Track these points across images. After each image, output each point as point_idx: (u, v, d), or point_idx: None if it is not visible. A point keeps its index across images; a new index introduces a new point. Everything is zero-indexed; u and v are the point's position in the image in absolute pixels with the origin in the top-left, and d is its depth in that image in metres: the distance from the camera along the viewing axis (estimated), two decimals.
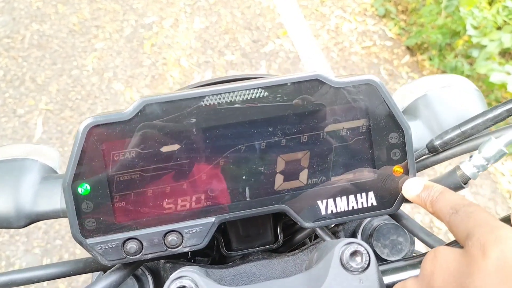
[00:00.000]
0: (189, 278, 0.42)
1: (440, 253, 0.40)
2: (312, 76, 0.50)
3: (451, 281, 0.37)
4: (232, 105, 0.49)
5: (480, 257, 0.36)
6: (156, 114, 0.48)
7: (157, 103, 0.48)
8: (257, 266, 0.58)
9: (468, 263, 0.37)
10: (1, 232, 2.11)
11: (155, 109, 0.48)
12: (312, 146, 0.51)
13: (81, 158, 0.47)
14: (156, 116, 0.48)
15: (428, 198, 0.47)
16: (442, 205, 0.44)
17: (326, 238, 0.57)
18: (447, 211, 0.43)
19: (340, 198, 0.52)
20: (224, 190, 0.50)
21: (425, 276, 0.41)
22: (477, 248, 0.36)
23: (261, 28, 3.05)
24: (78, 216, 0.48)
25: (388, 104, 0.51)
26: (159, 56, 2.87)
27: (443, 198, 0.45)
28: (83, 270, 0.54)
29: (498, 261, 0.34)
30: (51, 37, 2.92)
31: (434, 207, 0.45)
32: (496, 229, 0.37)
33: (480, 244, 0.36)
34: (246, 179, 0.50)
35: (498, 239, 0.36)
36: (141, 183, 0.49)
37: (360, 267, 0.43)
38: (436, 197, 0.46)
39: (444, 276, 0.38)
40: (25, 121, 2.52)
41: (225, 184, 0.50)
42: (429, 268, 0.40)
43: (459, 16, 2.76)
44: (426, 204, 0.47)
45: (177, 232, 0.49)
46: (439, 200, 0.45)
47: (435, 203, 0.46)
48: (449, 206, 0.43)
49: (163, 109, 0.48)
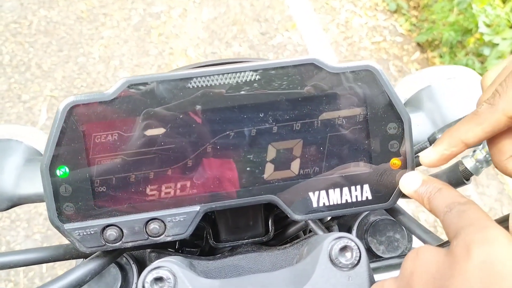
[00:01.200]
0: (167, 269, 0.40)
1: (422, 253, 0.37)
2: (307, 60, 0.47)
3: (430, 283, 0.34)
4: (221, 88, 0.47)
5: (463, 258, 0.32)
6: (140, 95, 0.46)
7: (141, 84, 0.45)
8: (245, 258, 0.56)
9: (451, 264, 0.33)
10: (2, 217, 2.11)
11: (139, 90, 0.46)
12: (305, 135, 0.48)
13: (60, 139, 0.45)
14: (140, 97, 0.46)
15: (426, 194, 0.44)
16: (438, 203, 0.41)
17: (318, 232, 0.54)
18: (442, 209, 0.40)
19: (333, 191, 0.49)
20: (211, 178, 0.48)
21: (404, 277, 0.37)
22: (462, 248, 0.33)
23: (269, 20, 3.02)
24: (56, 200, 0.46)
25: (387, 92, 0.48)
26: (166, 45, 2.84)
27: (440, 195, 0.42)
28: (63, 256, 0.52)
29: (482, 264, 0.31)
30: (59, 24, 2.90)
31: (431, 204, 0.42)
32: (485, 229, 0.33)
33: (465, 244, 0.33)
34: (234, 167, 0.48)
35: (485, 239, 0.32)
36: (123, 168, 0.46)
37: (350, 263, 0.40)
38: (434, 194, 0.43)
39: (423, 278, 0.35)
40: (29, 107, 2.51)
41: (211, 172, 0.48)
42: (409, 268, 0.37)
43: (472, 14, 2.70)
44: (423, 200, 0.44)
45: (159, 220, 0.47)
46: (436, 198, 0.42)
47: (432, 200, 0.42)
48: (444, 204, 0.40)
49: (147, 90, 0.46)
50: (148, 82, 0.46)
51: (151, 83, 0.46)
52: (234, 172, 0.48)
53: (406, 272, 0.37)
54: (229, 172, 0.48)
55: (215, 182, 0.48)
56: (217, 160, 0.48)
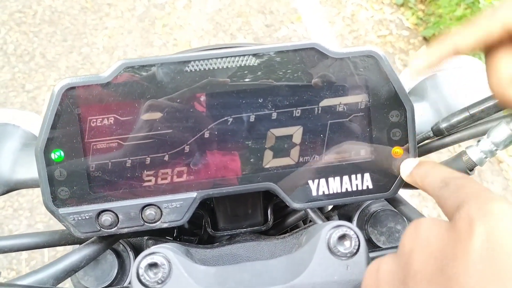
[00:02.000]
0: (162, 255, 0.39)
1: (422, 227, 0.33)
2: (308, 45, 0.46)
3: (431, 263, 0.30)
4: (220, 72, 0.45)
5: (466, 234, 0.29)
6: (136, 78, 0.45)
7: (138, 67, 0.44)
8: (244, 247, 0.55)
9: (453, 240, 0.30)
10: (5, 206, 2.12)
11: (136, 73, 0.45)
12: (305, 122, 0.47)
13: (55, 121, 0.44)
14: (138, 81, 0.45)
15: (419, 173, 0.42)
16: (431, 179, 0.39)
17: (318, 221, 0.53)
18: (436, 185, 0.37)
19: (333, 179, 0.48)
20: (209, 165, 0.47)
21: (403, 254, 0.33)
22: (465, 222, 0.30)
23: (275, 12, 2.99)
24: (51, 184, 0.45)
25: (390, 79, 0.46)
26: (170, 37, 2.83)
27: (434, 172, 0.40)
28: (58, 242, 0.52)
29: (486, 243, 0.28)
30: (63, 14, 2.89)
31: (424, 181, 0.40)
32: (490, 201, 0.30)
33: (468, 217, 0.30)
34: (232, 153, 0.47)
35: (489, 213, 0.29)
36: (119, 152, 0.45)
37: (348, 252, 0.39)
38: (427, 171, 0.41)
39: (424, 256, 0.31)
40: (33, 97, 2.51)
41: (209, 158, 0.47)
42: (408, 244, 0.33)
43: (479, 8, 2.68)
44: (416, 179, 0.42)
45: (155, 206, 0.46)
46: (429, 174, 0.40)
47: (424, 178, 0.40)
48: (439, 179, 0.38)
49: (144, 74, 0.45)
50: (146, 64, 0.45)
51: (149, 65, 0.45)
52: (232, 159, 0.47)
53: (405, 249, 0.33)
54: (227, 159, 0.47)
55: (213, 169, 0.47)
56: (215, 146, 0.47)
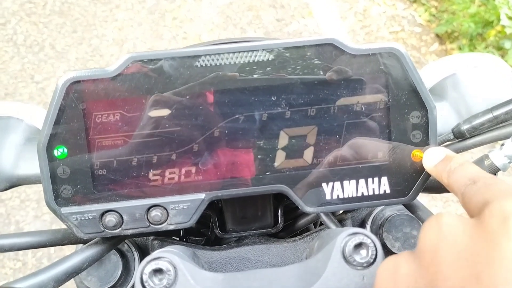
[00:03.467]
0: (167, 260, 0.37)
1: (444, 221, 0.30)
2: (326, 40, 0.43)
3: (463, 267, 0.27)
4: (232, 68, 0.43)
5: (501, 233, 0.26)
6: (144, 73, 0.42)
7: (146, 61, 0.42)
8: (252, 250, 0.53)
9: (485, 240, 0.26)
10: (12, 196, 2.11)
11: (144, 67, 0.42)
12: (321, 121, 0.45)
13: (59, 117, 0.42)
14: (145, 76, 0.43)
15: (446, 168, 0.40)
16: (459, 176, 0.37)
17: (331, 225, 0.51)
18: (463, 182, 0.35)
19: (349, 182, 0.46)
20: (218, 165, 0.45)
21: (425, 253, 0.30)
22: (497, 219, 0.27)
23: (286, 6, 2.96)
24: (53, 182, 0.43)
25: (412, 78, 0.44)
26: (180, 30, 2.81)
27: (462, 169, 0.38)
28: (61, 241, 0.50)
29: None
30: (73, 5, 2.88)
31: (450, 178, 0.38)
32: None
33: (501, 214, 0.27)
34: (243, 153, 0.45)
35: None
36: (125, 150, 0.43)
37: (365, 262, 0.37)
38: (455, 168, 0.39)
39: (452, 256, 0.28)
40: (42, 88, 2.50)
41: (219, 158, 0.44)
42: (430, 241, 0.30)
43: (494, 5, 2.63)
44: (442, 175, 0.40)
45: (161, 207, 0.44)
46: (457, 171, 0.38)
47: (451, 174, 0.38)
48: (467, 177, 0.36)
49: (152, 68, 0.42)
50: (154, 58, 0.42)
51: (157, 60, 0.42)
52: (242, 159, 0.45)
53: (427, 247, 0.30)
54: (237, 159, 0.45)
55: (222, 169, 0.45)
56: (225, 146, 0.44)
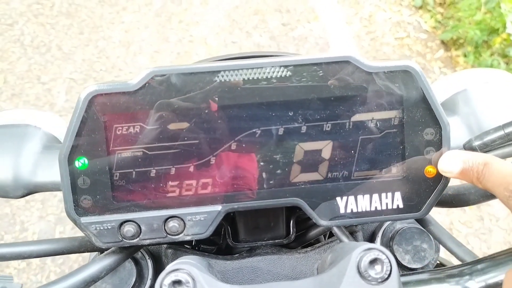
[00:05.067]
0: (186, 272, 0.38)
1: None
2: (343, 58, 0.44)
3: None
4: (250, 83, 0.44)
5: None
6: (165, 87, 0.43)
7: (166, 75, 0.43)
8: (264, 261, 0.54)
9: None
10: None
11: (164, 82, 0.43)
12: (336, 136, 0.46)
13: (81, 128, 0.43)
14: (165, 90, 0.43)
15: (473, 173, 0.40)
16: (492, 184, 0.37)
17: (342, 238, 0.52)
18: (502, 193, 0.36)
19: (363, 197, 0.46)
20: (234, 177, 0.46)
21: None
22: None
23: (291, 11, 2.97)
24: (74, 192, 0.44)
25: (426, 95, 0.45)
26: (186, 33, 2.82)
27: (490, 173, 0.38)
28: (77, 249, 0.51)
29: None
30: (80, 6, 2.89)
31: (484, 185, 0.39)
32: None
33: None
34: (259, 167, 0.46)
35: None
36: (144, 162, 0.44)
37: (380, 277, 0.37)
38: (482, 170, 0.39)
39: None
40: (48, 89, 2.52)
41: (235, 171, 0.45)
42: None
43: (500, 13, 2.63)
44: (473, 180, 0.41)
45: (179, 219, 0.45)
46: (487, 176, 0.39)
47: (483, 180, 0.39)
48: (502, 186, 0.36)
49: (173, 83, 0.43)
50: (174, 73, 0.43)
51: (177, 74, 0.43)
52: (258, 172, 0.46)
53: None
54: (253, 172, 0.46)
55: (239, 182, 0.46)
56: (242, 159, 0.45)
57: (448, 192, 0.54)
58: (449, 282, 0.41)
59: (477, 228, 2.08)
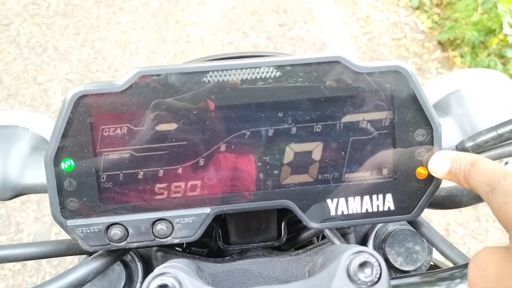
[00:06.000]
0: (172, 276, 0.37)
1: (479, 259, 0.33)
2: (333, 58, 0.44)
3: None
4: (239, 84, 0.43)
5: None
6: (152, 87, 0.43)
7: (154, 76, 0.43)
8: (255, 263, 0.53)
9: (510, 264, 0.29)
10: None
11: (151, 82, 0.43)
12: (326, 138, 0.45)
13: (66, 130, 0.42)
14: (153, 90, 0.43)
15: (460, 173, 0.40)
16: (476, 181, 0.37)
17: (334, 240, 0.51)
18: (483, 189, 0.35)
19: (353, 199, 0.46)
20: (223, 179, 0.45)
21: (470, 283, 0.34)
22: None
23: (289, 11, 2.97)
24: (60, 195, 0.43)
25: (417, 96, 0.44)
26: (183, 33, 2.81)
27: (476, 172, 0.38)
28: (65, 252, 0.50)
29: None
30: (77, 7, 2.89)
31: (469, 184, 0.38)
32: None
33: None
34: (249, 168, 0.45)
35: None
36: (132, 164, 0.44)
37: (369, 281, 0.37)
38: (468, 170, 0.39)
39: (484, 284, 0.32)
40: (44, 89, 2.51)
41: (224, 173, 0.45)
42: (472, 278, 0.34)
43: (496, 14, 2.63)
44: (460, 180, 0.40)
45: (167, 221, 0.44)
46: (472, 174, 0.38)
47: (468, 179, 0.38)
48: (484, 182, 0.36)
49: (160, 83, 0.43)
50: (162, 74, 0.43)
51: (165, 75, 0.43)
52: (248, 174, 0.45)
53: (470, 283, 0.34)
54: (242, 174, 0.45)
55: (228, 184, 0.45)
56: (231, 160, 0.45)
57: (440, 193, 0.53)
58: (439, 286, 0.40)
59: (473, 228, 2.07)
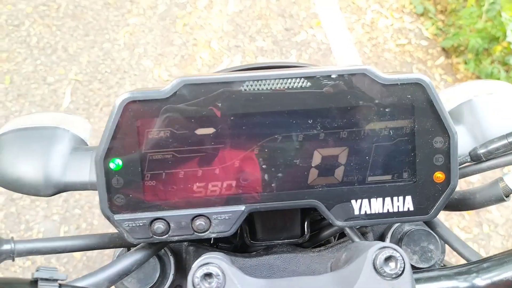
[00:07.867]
0: (216, 265, 0.41)
1: None
2: (359, 70, 0.48)
3: None
4: (273, 93, 0.48)
5: None
6: (194, 95, 0.47)
7: (196, 84, 0.47)
8: (280, 258, 0.57)
9: None
10: (23, 196, 2.15)
11: (193, 90, 0.47)
12: (352, 143, 0.49)
13: (115, 133, 0.46)
14: (194, 97, 0.47)
15: None
16: None
17: (354, 238, 0.55)
18: None
19: (376, 199, 0.50)
20: (257, 179, 0.49)
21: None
22: None
23: (294, 16, 3.01)
24: (108, 191, 0.47)
25: (436, 107, 0.48)
26: (190, 36, 2.85)
27: None
28: (107, 245, 0.54)
29: None
30: (86, 9, 2.93)
31: None
32: None
33: None
34: (280, 170, 0.49)
35: None
36: (173, 164, 0.48)
37: (394, 273, 0.41)
38: None
39: None
40: (54, 89, 2.55)
41: (258, 173, 0.49)
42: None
43: (500, 21, 2.67)
44: None
45: (205, 217, 0.48)
46: None
47: None
48: None
49: (201, 91, 0.47)
50: (202, 82, 0.47)
51: (206, 83, 0.47)
52: (279, 175, 0.49)
53: None
54: (274, 175, 0.49)
55: (261, 184, 0.49)
56: (264, 162, 0.49)
57: (454, 196, 0.57)
58: (457, 279, 0.44)
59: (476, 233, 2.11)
